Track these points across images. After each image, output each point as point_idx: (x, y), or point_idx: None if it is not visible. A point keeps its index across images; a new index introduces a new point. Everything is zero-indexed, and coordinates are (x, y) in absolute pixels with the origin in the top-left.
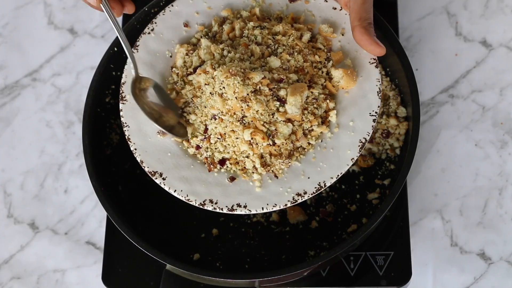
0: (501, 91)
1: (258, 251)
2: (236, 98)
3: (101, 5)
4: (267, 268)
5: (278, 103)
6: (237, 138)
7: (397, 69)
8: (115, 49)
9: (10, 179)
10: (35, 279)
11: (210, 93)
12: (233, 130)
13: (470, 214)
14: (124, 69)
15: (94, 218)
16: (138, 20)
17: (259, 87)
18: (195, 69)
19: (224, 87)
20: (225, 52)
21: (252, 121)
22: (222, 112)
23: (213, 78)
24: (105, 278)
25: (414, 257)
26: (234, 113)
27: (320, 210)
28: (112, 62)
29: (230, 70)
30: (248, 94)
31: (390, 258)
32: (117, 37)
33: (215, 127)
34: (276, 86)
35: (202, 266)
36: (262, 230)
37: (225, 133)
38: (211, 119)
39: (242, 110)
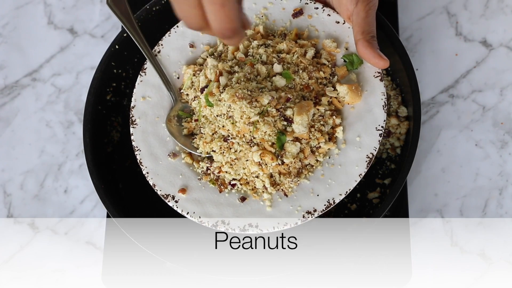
0: (501, 91)
1: (257, 252)
2: (243, 122)
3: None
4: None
5: (285, 123)
6: (247, 160)
7: (398, 69)
8: (116, 47)
9: (10, 179)
10: (35, 279)
11: (217, 115)
12: (244, 153)
13: (470, 214)
14: (133, 93)
15: (94, 218)
16: (139, 18)
17: (267, 108)
18: (202, 90)
19: (231, 111)
20: (235, 68)
21: (260, 142)
22: (232, 134)
23: (219, 100)
24: (105, 278)
25: (414, 257)
26: (244, 135)
27: None
28: (113, 60)
29: (237, 94)
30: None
31: (390, 258)
32: (118, 35)
33: (226, 152)
34: (283, 106)
35: (202, 264)
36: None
37: (236, 158)
38: (223, 142)
39: (251, 132)
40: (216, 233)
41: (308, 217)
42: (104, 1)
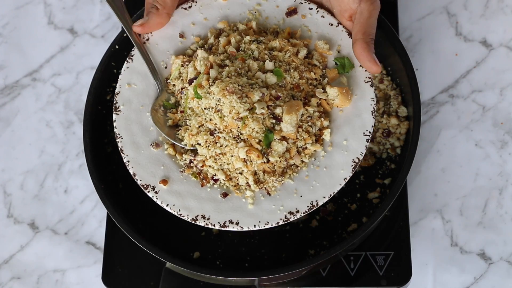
0: (501, 91)
1: (258, 249)
2: (232, 117)
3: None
4: (267, 267)
5: (274, 121)
6: (232, 155)
7: (398, 69)
8: (116, 47)
9: (10, 179)
10: (35, 279)
11: (205, 108)
12: (230, 148)
13: (470, 214)
14: (119, 79)
15: (94, 218)
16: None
17: (256, 105)
18: (190, 81)
19: (220, 105)
20: (226, 62)
21: (247, 138)
22: (219, 129)
23: (208, 93)
24: (105, 278)
25: (414, 257)
26: (231, 130)
27: (320, 209)
28: (113, 60)
29: (227, 88)
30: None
31: (390, 258)
32: (118, 35)
33: (211, 146)
34: (272, 104)
35: (202, 264)
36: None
37: (220, 153)
38: (209, 136)
39: (238, 127)
40: (216, 233)
41: (290, 218)
42: (104, 1)
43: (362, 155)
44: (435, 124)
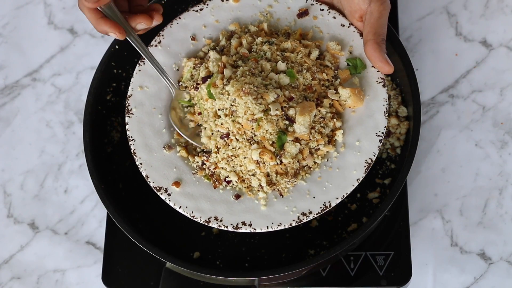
0: (501, 91)
1: (258, 249)
2: (247, 118)
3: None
4: (267, 267)
5: (287, 122)
6: (245, 157)
7: (398, 69)
8: (116, 47)
9: (10, 179)
10: (35, 279)
11: (219, 109)
12: (243, 150)
13: (470, 214)
14: (131, 82)
15: (94, 218)
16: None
17: (271, 106)
18: (204, 79)
19: (235, 105)
20: (239, 63)
21: (261, 140)
22: (232, 131)
23: (222, 93)
24: (105, 278)
25: (414, 257)
26: (244, 132)
27: None
28: (114, 60)
29: (243, 89)
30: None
31: (390, 258)
32: None
33: (222, 148)
34: (286, 106)
35: (202, 264)
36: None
37: (232, 155)
38: (219, 140)
39: (252, 129)
40: (216, 233)
41: (303, 219)
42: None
43: (375, 156)
44: (435, 124)
